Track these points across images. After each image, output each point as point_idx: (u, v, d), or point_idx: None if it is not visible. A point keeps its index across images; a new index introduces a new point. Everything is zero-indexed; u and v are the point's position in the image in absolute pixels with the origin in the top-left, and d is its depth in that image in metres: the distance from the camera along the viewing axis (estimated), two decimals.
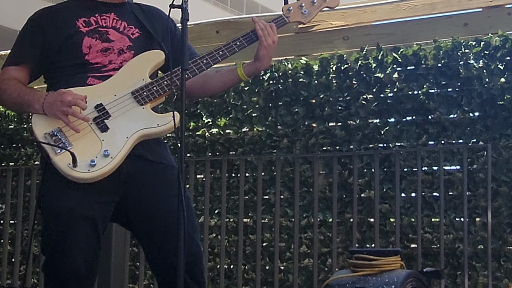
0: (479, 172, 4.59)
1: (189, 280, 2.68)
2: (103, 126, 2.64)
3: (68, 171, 2.55)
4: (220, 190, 5.19)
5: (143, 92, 2.71)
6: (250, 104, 5.37)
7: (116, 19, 2.87)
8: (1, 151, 6.55)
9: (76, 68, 2.79)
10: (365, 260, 3.63)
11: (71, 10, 2.90)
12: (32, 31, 2.88)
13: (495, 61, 4.63)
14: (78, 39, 2.79)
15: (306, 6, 2.96)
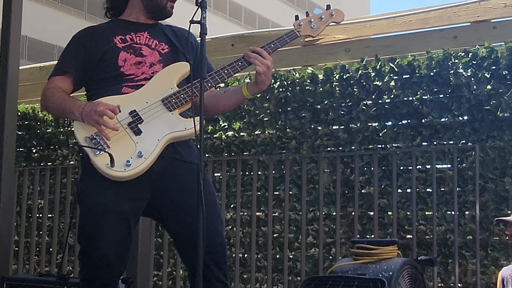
0: (468, 170, 4.59)
1: (213, 267, 2.70)
2: (137, 130, 2.66)
3: (106, 170, 2.57)
4: (235, 186, 5.22)
5: (171, 99, 2.73)
6: (262, 110, 5.39)
7: (149, 37, 2.90)
8: (40, 152, 6.59)
9: (112, 79, 2.81)
10: (365, 250, 3.64)
11: (109, 29, 2.94)
12: (75, 47, 2.91)
13: (482, 70, 4.63)
14: (115, 54, 2.82)
15: (315, 21, 2.97)
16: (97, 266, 2.63)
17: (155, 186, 2.72)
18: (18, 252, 6.21)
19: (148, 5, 2.93)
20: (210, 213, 2.66)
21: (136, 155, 2.61)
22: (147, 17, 2.96)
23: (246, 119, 5.46)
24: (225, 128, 5.55)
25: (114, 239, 2.62)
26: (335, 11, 3.03)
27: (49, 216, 6.19)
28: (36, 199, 6.26)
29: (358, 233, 4.76)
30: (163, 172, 2.72)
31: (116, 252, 2.63)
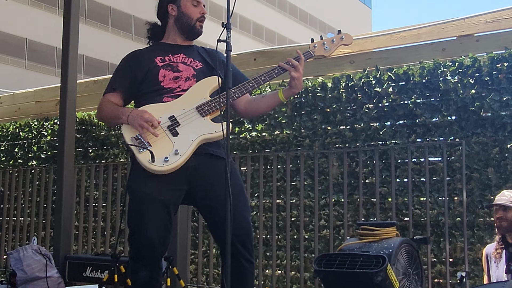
0: (456, 162, 4.55)
1: (240, 247, 2.71)
2: (174, 132, 2.70)
3: (148, 165, 2.61)
4: (258, 178, 5.23)
5: (204, 107, 2.75)
6: (280, 113, 5.39)
7: (185, 57, 2.92)
8: (95, 152, 6.66)
9: (154, 93, 2.83)
10: (369, 230, 3.61)
11: (151, 51, 2.97)
12: (123, 67, 2.95)
13: (467, 77, 4.59)
14: (156, 71, 2.85)
15: (327, 44, 2.97)
16: (143, 246, 2.66)
17: (191, 179, 2.74)
18: (78, 236, 6.29)
19: (181, 27, 2.96)
20: (238, 202, 2.68)
21: (173, 152, 2.64)
22: (182, 39, 2.98)
23: (267, 121, 5.46)
24: (250, 129, 5.56)
25: (157, 223, 2.65)
26: (345, 35, 3.03)
27: (103, 205, 6.26)
28: (92, 191, 6.33)
29: (363, 216, 4.75)
30: (197, 168, 2.73)
31: (159, 234, 2.66)
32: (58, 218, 5.50)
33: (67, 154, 5.54)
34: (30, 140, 7.27)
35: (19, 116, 7.83)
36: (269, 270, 5.13)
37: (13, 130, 7.48)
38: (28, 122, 7.39)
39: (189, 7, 2.94)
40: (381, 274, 3.13)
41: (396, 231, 3.63)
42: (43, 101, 7.65)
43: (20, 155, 7.30)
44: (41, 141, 7.16)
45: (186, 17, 2.93)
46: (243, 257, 2.73)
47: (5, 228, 6.89)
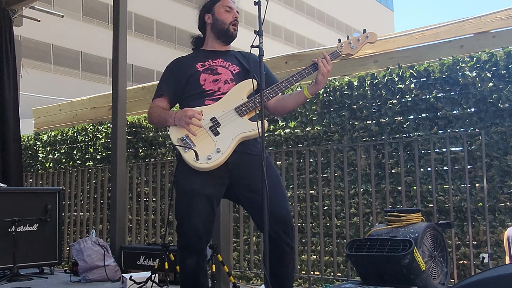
0: (476, 151, 4.45)
1: (282, 234, 2.73)
2: (216, 132, 2.73)
3: (193, 163, 2.66)
4: (292, 171, 5.23)
5: (242, 107, 2.77)
6: (311, 111, 5.37)
7: (223, 61, 2.95)
8: (145, 151, 6.76)
9: (196, 95, 2.87)
10: (396, 217, 3.60)
11: (193, 58, 3.01)
12: (167, 75, 3.01)
13: (484, 71, 4.49)
14: (197, 76, 2.89)
15: (354, 43, 2.97)
16: (189, 236, 2.70)
17: (231, 174, 2.77)
18: (131, 228, 6.39)
19: (217, 32, 3.00)
20: (276, 192, 2.72)
21: (215, 151, 2.68)
22: (219, 44, 3.02)
23: (299, 118, 5.45)
24: (283, 126, 5.56)
25: (201, 215, 2.69)
26: (370, 34, 3.02)
27: (153, 200, 6.35)
28: (143, 187, 6.42)
29: (390, 204, 4.69)
30: (237, 163, 2.76)
31: (203, 225, 2.69)
32: (113, 212, 5.61)
33: (120, 154, 5.65)
34: (87, 143, 7.43)
35: (77, 121, 8.00)
36: (305, 256, 5.12)
37: (72, 134, 7.65)
38: (85, 126, 7.55)
39: (222, 13, 2.99)
40: (408, 257, 3.12)
41: (421, 217, 3.60)
42: (97, 107, 7.80)
43: (78, 157, 7.46)
44: (97, 144, 7.30)
45: (220, 22, 2.98)
46: (284, 242, 2.75)
47: (67, 223, 7.06)
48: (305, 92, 2.86)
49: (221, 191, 2.80)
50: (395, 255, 3.13)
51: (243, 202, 2.87)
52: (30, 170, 7.91)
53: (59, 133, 7.81)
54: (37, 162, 7.95)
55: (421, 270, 3.16)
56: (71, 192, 7.11)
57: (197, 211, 2.68)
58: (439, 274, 3.42)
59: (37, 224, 5.55)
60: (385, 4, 45.82)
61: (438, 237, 3.54)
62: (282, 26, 35.63)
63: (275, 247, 2.69)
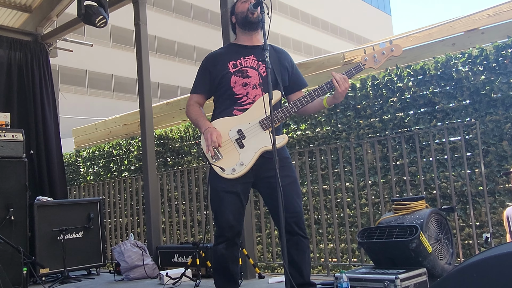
0: (473, 139, 4.38)
1: (295, 227, 2.77)
2: (241, 145, 2.75)
3: (220, 173, 2.74)
4: (305, 169, 5.20)
5: (265, 121, 2.75)
6: (319, 113, 5.34)
7: (254, 59, 2.87)
8: (173, 160, 6.79)
9: (227, 97, 2.85)
10: (402, 205, 3.56)
11: (225, 54, 2.93)
12: (203, 71, 2.96)
13: (476, 65, 4.41)
14: (228, 77, 2.85)
15: (378, 56, 2.78)
16: (223, 226, 2.79)
17: (256, 174, 2.81)
18: (165, 229, 6.42)
19: (240, 24, 2.95)
20: (290, 190, 2.77)
21: (239, 163, 2.73)
22: (246, 36, 2.94)
23: (309, 121, 5.42)
24: (295, 129, 5.54)
25: (232, 209, 2.77)
26: (395, 47, 2.79)
27: (183, 203, 6.37)
28: (173, 192, 6.45)
29: (397, 193, 4.64)
30: (260, 165, 2.79)
31: (234, 217, 2.78)
32: (148, 216, 5.65)
33: (150, 164, 5.68)
34: (121, 156, 7.49)
35: (111, 137, 8.08)
36: (322, 245, 5.09)
37: (108, 149, 7.72)
38: (118, 141, 7.62)
39: (239, 6, 2.95)
40: (415, 241, 3.07)
41: (425, 204, 3.55)
42: (128, 123, 7.87)
43: (115, 169, 7.53)
44: (130, 156, 7.36)
45: (239, 14, 2.93)
46: (298, 234, 2.80)
47: (108, 228, 7.13)
48: (324, 103, 2.84)
49: (248, 187, 2.85)
50: (403, 240, 3.09)
51: (264, 197, 2.91)
52: (73, 184, 8.01)
53: (97, 149, 7.89)
54: (79, 176, 8.05)
55: (428, 253, 3.12)
56: (111, 201, 7.18)
57: (228, 206, 2.76)
58: (446, 255, 3.37)
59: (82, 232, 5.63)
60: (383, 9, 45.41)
61: (442, 221, 3.48)
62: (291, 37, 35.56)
63: (292, 238, 2.77)
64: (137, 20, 5.72)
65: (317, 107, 2.90)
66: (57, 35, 7.11)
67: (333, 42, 37.41)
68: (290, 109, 2.76)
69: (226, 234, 2.78)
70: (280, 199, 2.41)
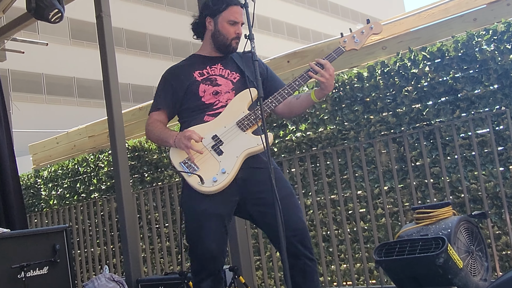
0: (505, 130, 4.40)
1: (300, 247, 2.76)
2: (219, 151, 2.75)
3: (198, 187, 2.70)
4: (309, 177, 5.21)
5: (244, 121, 2.79)
6: (321, 110, 5.36)
7: (222, 68, 2.97)
8: (151, 176, 6.78)
9: (196, 108, 2.89)
10: (424, 214, 3.56)
11: (189, 65, 3.01)
12: (164, 86, 3.02)
13: (503, 43, 4.44)
14: (196, 86, 2.91)
15: (357, 36, 2.97)
16: (203, 258, 2.76)
17: (241, 191, 2.80)
18: (146, 258, 6.41)
19: (216, 44, 3.00)
20: (289, 204, 2.75)
21: (221, 172, 2.71)
22: (217, 53, 3.03)
23: (310, 120, 5.43)
24: (294, 130, 5.55)
25: (214, 236, 2.74)
26: (374, 24, 3.00)
27: (165, 225, 6.36)
28: (153, 213, 6.44)
29: (418, 199, 4.66)
30: (246, 179, 2.79)
31: (217, 246, 2.74)
32: (125, 244, 5.63)
33: (124, 182, 5.67)
34: (89, 174, 7.48)
35: (76, 152, 8.07)
36: (334, 266, 5.09)
37: (72, 166, 7.71)
38: (85, 157, 7.61)
39: (225, 26, 2.96)
40: (443, 256, 3.07)
41: (452, 210, 3.55)
42: (95, 135, 7.87)
43: (82, 190, 7.51)
44: (100, 173, 7.35)
45: (222, 36, 2.97)
46: (304, 255, 2.78)
47: (78, 261, 7.10)
48: (312, 97, 2.87)
49: (232, 208, 2.83)
50: (428, 255, 3.09)
51: (256, 217, 2.89)
52: (34, 210, 7.98)
53: (59, 167, 7.88)
54: (40, 200, 8.02)
55: (458, 268, 3.12)
56: (79, 228, 7.16)
57: (209, 232, 2.73)
58: (480, 270, 3.38)
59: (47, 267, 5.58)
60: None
61: (474, 230, 3.49)
62: (284, 21, 35.67)
63: (296, 262, 2.75)
64: (99, 12, 5.72)
65: (306, 104, 2.93)
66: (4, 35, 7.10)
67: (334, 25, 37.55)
68: (270, 104, 2.79)
69: (209, 267, 2.75)
70: (279, 215, 2.41)
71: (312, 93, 2.87)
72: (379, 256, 3.35)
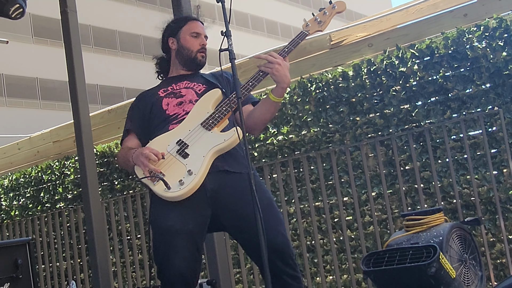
0: (498, 132, 4.46)
1: (280, 264, 2.70)
2: (184, 154, 2.72)
3: (165, 194, 2.64)
4: (291, 184, 5.22)
5: (208, 120, 2.78)
6: (304, 112, 5.37)
7: (188, 82, 3.01)
8: (121, 183, 6.73)
9: (161, 123, 2.90)
10: (414, 221, 3.58)
11: (156, 87, 3.09)
12: (132, 110, 3.09)
13: (495, 39, 4.50)
14: (159, 102, 2.96)
15: (320, 17, 2.99)
16: (173, 281, 2.65)
17: (213, 202, 2.75)
18: (117, 272, 6.36)
19: (182, 60, 3.07)
20: (268, 216, 2.66)
21: (187, 173, 2.66)
22: (185, 71, 3.09)
23: (292, 122, 5.45)
24: (275, 133, 5.56)
25: (185, 256, 2.65)
26: (336, 3, 3.04)
27: (138, 237, 6.32)
28: (124, 224, 6.40)
29: (408, 206, 4.70)
30: (217, 188, 2.75)
31: (188, 266, 2.65)
32: (93, 257, 5.56)
33: (92, 190, 5.60)
34: (54, 182, 7.40)
35: (39, 159, 7.98)
36: (319, 278, 5.11)
37: (36, 174, 7.62)
38: (49, 164, 7.53)
39: (188, 39, 3.04)
40: (435, 265, 3.09)
41: (443, 217, 3.58)
42: (60, 140, 7.79)
43: (47, 199, 7.43)
44: (65, 181, 7.28)
45: (185, 50, 3.04)
46: (285, 273, 2.73)
47: (42, 276, 7.02)
48: (270, 97, 2.81)
49: (203, 224, 2.76)
50: (419, 265, 3.11)
51: (232, 231, 2.87)
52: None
53: (21, 175, 7.78)
54: (0, 211, 7.91)
55: (451, 278, 3.14)
56: (43, 241, 7.08)
57: (179, 252, 2.64)
58: (473, 280, 3.41)
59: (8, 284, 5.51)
60: None
61: (467, 237, 3.52)
62: (263, 17, 35.76)
63: (277, 281, 2.64)
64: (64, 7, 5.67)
65: (265, 107, 2.87)
66: None
67: None
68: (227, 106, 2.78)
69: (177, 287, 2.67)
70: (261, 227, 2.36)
71: (270, 93, 2.82)
72: (367, 267, 3.36)
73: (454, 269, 3.22)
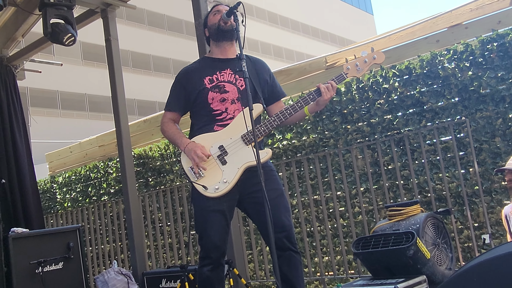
0: (465, 138, 4.43)
1: (286, 242, 2.80)
2: (224, 161, 2.79)
3: (203, 192, 2.76)
4: (294, 180, 5.21)
5: (248, 136, 2.79)
6: (305, 121, 5.35)
7: (231, 73, 2.91)
8: (154, 180, 6.75)
9: (205, 114, 2.88)
10: (396, 211, 3.56)
11: (200, 69, 2.96)
12: (177, 88, 2.99)
13: (462, 61, 4.48)
14: (205, 94, 2.88)
15: (360, 65, 2.89)
16: (209, 247, 2.80)
17: (240, 190, 2.84)
18: (151, 253, 6.37)
19: (212, 35, 2.99)
20: (279, 204, 2.79)
21: (222, 181, 2.76)
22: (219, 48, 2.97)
23: (294, 129, 5.44)
24: (281, 139, 5.55)
25: (218, 228, 2.80)
26: (377, 55, 2.91)
27: (168, 224, 6.33)
28: (157, 214, 6.41)
29: (391, 199, 4.67)
30: (245, 180, 2.81)
31: (220, 237, 2.80)
32: (132, 241, 5.59)
33: (130, 186, 5.64)
34: (100, 179, 7.43)
35: (87, 160, 8.02)
36: (317, 258, 5.08)
37: (84, 173, 7.66)
38: (96, 164, 7.56)
39: (211, 18, 3.00)
40: (413, 248, 3.08)
41: (420, 208, 3.56)
42: (105, 144, 7.82)
43: (93, 193, 7.46)
44: (109, 179, 7.30)
45: (211, 26, 2.97)
46: (289, 249, 2.82)
47: (90, 257, 7.04)
48: (306, 111, 2.87)
49: (233, 205, 2.88)
50: (400, 248, 3.09)
51: (251, 214, 2.93)
52: (50, 212, 7.91)
53: (73, 173, 7.82)
54: (55, 203, 7.96)
55: (426, 259, 3.12)
56: (91, 227, 7.10)
57: (213, 226, 2.78)
58: (445, 260, 3.39)
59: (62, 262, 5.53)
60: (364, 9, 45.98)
61: (439, 225, 3.50)
62: (271, 43, 35.77)
63: (283, 254, 2.79)
64: (108, 36, 5.71)
65: (298, 117, 2.93)
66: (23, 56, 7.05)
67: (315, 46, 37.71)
68: (273, 122, 2.81)
69: (212, 255, 2.79)
70: (268, 214, 2.42)
71: (306, 108, 2.85)
72: (357, 249, 3.35)
73: (429, 251, 3.20)
